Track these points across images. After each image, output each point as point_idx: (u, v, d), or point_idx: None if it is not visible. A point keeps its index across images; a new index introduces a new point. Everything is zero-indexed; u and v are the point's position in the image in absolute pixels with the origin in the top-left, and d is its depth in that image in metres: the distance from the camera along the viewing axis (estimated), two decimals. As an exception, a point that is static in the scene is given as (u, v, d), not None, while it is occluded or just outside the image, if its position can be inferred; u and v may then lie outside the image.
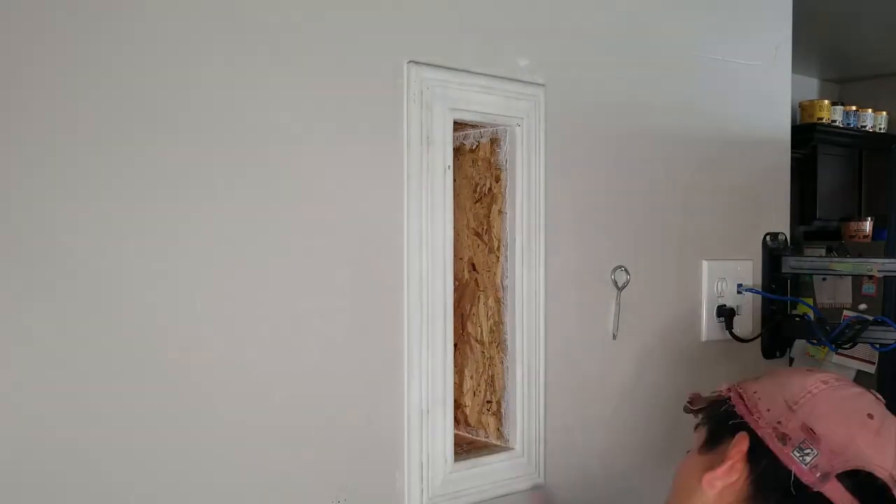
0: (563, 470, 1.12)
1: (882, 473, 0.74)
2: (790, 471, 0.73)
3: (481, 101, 1.01)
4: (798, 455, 0.74)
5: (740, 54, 1.37)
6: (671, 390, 1.24)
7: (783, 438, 0.74)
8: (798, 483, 0.73)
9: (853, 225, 4.20)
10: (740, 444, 0.77)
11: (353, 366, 0.92)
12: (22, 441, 0.72)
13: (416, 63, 0.95)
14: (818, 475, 0.73)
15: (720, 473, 0.77)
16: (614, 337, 1.18)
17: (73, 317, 0.74)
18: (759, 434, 0.76)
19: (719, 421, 0.82)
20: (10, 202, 0.70)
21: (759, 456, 0.76)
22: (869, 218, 4.24)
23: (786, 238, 1.44)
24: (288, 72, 0.86)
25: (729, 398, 0.82)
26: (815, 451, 0.73)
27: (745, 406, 0.79)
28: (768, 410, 0.77)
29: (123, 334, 0.76)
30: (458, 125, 1.03)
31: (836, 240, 4.15)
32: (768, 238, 1.41)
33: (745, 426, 0.78)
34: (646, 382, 1.23)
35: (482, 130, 1.10)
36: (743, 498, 0.76)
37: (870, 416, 0.77)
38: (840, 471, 0.73)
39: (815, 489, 0.73)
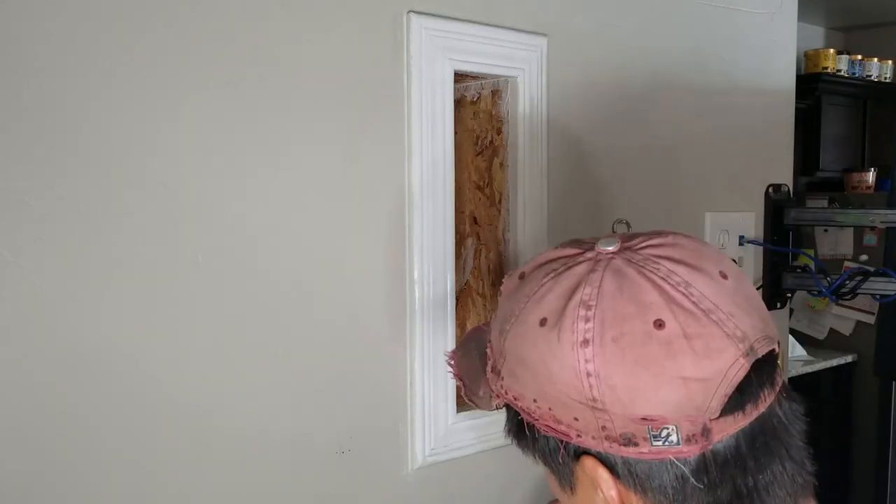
0: (565, 420, 1.14)
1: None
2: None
3: (482, 52, 1.00)
4: (660, 443, 0.56)
5: (746, 2, 1.34)
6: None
7: (628, 440, 0.56)
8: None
9: (856, 176, 4.17)
10: (605, 485, 0.58)
11: (357, 319, 0.92)
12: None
13: (417, 13, 0.93)
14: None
15: None
16: (616, 289, 1.18)
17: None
18: (602, 451, 0.58)
19: (547, 453, 0.61)
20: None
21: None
22: (872, 169, 4.21)
23: (788, 189, 1.44)
24: (286, 23, 0.85)
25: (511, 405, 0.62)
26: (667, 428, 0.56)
27: (548, 424, 0.58)
28: (575, 420, 0.57)
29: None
30: (459, 76, 1.02)
31: (838, 191, 4.13)
32: (771, 189, 1.41)
33: (575, 448, 0.59)
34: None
35: (483, 82, 1.08)
36: None
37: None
38: None
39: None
